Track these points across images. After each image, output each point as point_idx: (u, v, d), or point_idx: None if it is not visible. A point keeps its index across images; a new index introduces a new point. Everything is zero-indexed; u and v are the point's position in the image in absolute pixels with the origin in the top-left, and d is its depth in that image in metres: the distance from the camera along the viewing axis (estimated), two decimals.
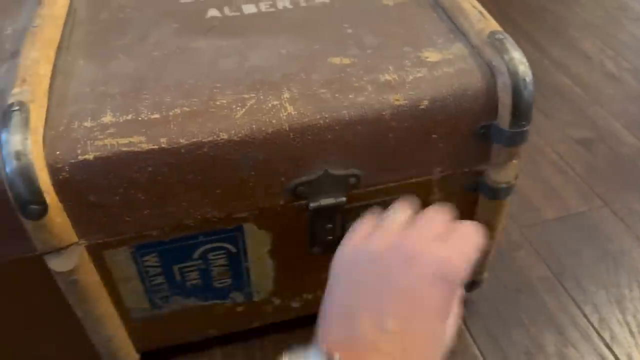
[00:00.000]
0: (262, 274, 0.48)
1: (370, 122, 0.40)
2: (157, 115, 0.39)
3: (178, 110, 0.39)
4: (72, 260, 0.40)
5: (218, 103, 0.40)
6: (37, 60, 0.42)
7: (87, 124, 0.38)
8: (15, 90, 0.39)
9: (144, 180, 0.39)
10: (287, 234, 0.46)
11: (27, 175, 0.35)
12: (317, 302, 0.55)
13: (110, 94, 0.41)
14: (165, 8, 0.51)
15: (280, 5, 0.51)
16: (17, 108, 0.37)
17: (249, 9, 0.51)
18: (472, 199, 0.48)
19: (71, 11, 0.50)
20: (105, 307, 0.44)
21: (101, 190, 0.38)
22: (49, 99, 0.40)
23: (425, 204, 0.47)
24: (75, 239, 0.40)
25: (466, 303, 0.61)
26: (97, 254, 0.41)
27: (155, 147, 0.38)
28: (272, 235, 0.45)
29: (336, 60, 0.44)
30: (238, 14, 0.50)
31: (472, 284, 0.57)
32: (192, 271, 0.46)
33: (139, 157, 0.38)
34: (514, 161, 0.46)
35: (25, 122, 0.36)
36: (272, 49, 0.45)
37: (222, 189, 0.40)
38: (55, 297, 0.43)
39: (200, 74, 0.43)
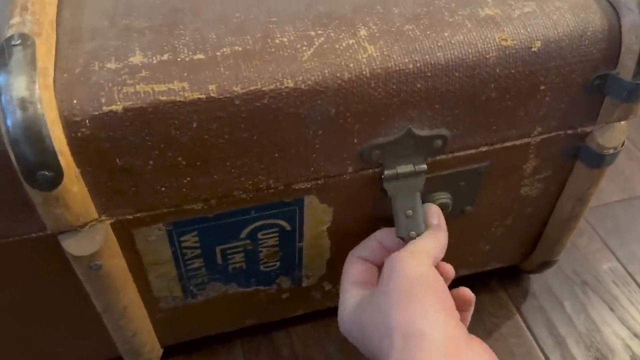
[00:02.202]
0: (315, 255, 0.40)
1: (471, 67, 0.32)
2: (201, 56, 0.30)
3: (228, 50, 0.30)
4: (93, 242, 0.31)
5: (277, 41, 0.31)
6: None
7: (111, 65, 0.29)
8: (15, 19, 0.29)
9: (186, 140, 0.30)
10: (351, 209, 0.37)
11: (35, 131, 0.26)
12: None
13: (137, 28, 0.32)
14: None
15: None
16: (18, 42, 0.28)
17: None
18: (568, 167, 0.41)
19: None
20: (130, 297, 0.36)
21: (131, 151, 0.29)
22: (58, 32, 0.31)
23: (517, 173, 0.40)
24: (96, 215, 0.31)
25: (526, 297, 0.54)
26: (124, 233, 0.33)
27: (202, 96, 0.29)
28: (333, 210, 0.37)
29: None
30: None
31: (544, 264, 0.50)
32: (236, 253, 0.38)
33: (181, 109, 0.29)
34: (624, 123, 0.38)
35: (31, 60, 0.27)
36: None
37: (282, 152, 0.32)
38: (67, 286, 0.35)
39: (248, 5, 0.34)
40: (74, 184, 0.29)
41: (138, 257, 0.35)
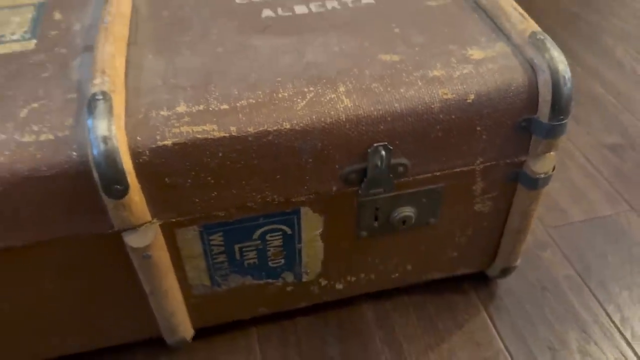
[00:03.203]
0: (312, 255, 0.52)
1: (420, 114, 0.44)
2: (226, 106, 0.43)
3: (245, 102, 0.43)
4: (147, 237, 0.44)
5: (280, 96, 0.44)
6: (113, 54, 0.46)
7: (164, 112, 0.42)
8: (97, 80, 0.43)
9: (214, 165, 0.42)
10: (337, 218, 0.49)
11: (112, 158, 0.39)
12: (359, 284, 0.59)
13: (182, 86, 0.45)
14: (221, 8, 0.55)
15: (329, 6, 0.55)
16: (101, 97, 0.41)
17: (301, 9, 0.55)
18: (511, 189, 0.51)
19: (134, 9, 0.55)
20: (171, 282, 0.48)
21: (176, 173, 0.42)
22: (126, 89, 0.44)
23: (468, 193, 0.51)
24: (149, 217, 0.44)
25: (493, 298, 0.65)
26: (169, 232, 0.45)
27: (226, 135, 0.42)
28: (324, 219, 0.49)
29: (386, 57, 0.47)
30: (290, 14, 0.54)
31: (505, 270, 0.60)
32: (250, 251, 0.49)
33: (211, 144, 0.41)
34: (552, 153, 0.49)
35: (110, 110, 0.40)
36: (326, 47, 0.49)
37: (283, 174, 0.44)
38: (124, 272, 0.47)
39: (262, 68, 0.46)
40: (136, 195, 0.41)
41: (178, 251, 0.47)
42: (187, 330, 0.54)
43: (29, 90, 0.45)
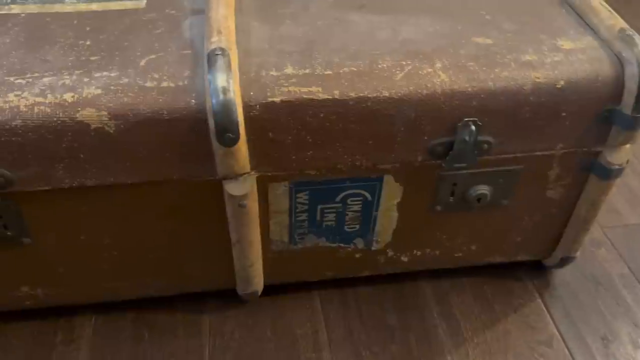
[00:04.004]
0: (385, 224, 0.55)
1: (512, 94, 0.46)
2: (329, 72, 0.46)
3: (347, 69, 0.46)
4: (245, 187, 0.47)
5: (380, 66, 0.47)
6: (225, 16, 0.49)
7: (273, 73, 0.46)
8: (214, 38, 0.46)
9: (315, 125, 0.45)
10: (416, 190, 0.52)
11: (228, 108, 0.43)
12: (423, 259, 0.62)
13: (287, 51, 0.48)
14: None
15: None
16: (220, 52, 0.44)
17: None
18: (584, 178, 0.53)
19: None
20: (255, 234, 0.52)
21: (279, 128, 0.45)
22: (237, 50, 0.48)
23: (543, 178, 0.53)
24: (249, 169, 0.47)
25: (548, 287, 0.67)
26: (263, 185, 0.49)
27: (329, 97, 0.45)
28: (403, 189, 0.52)
29: (479, 39, 0.50)
30: None
31: (564, 260, 0.62)
32: (330, 212, 0.53)
33: (315, 104, 0.45)
34: (628, 145, 0.51)
35: (228, 65, 0.44)
36: (420, 27, 0.52)
37: (375, 140, 0.47)
38: (216, 220, 0.51)
39: (360, 41, 0.49)
40: (243, 145, 0.45)
41: (267, 205, 0.51)
42: (259, 283, 0.57)
43: (145, 43, 0.49)
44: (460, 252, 0.59)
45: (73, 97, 0.43)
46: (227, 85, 0.43)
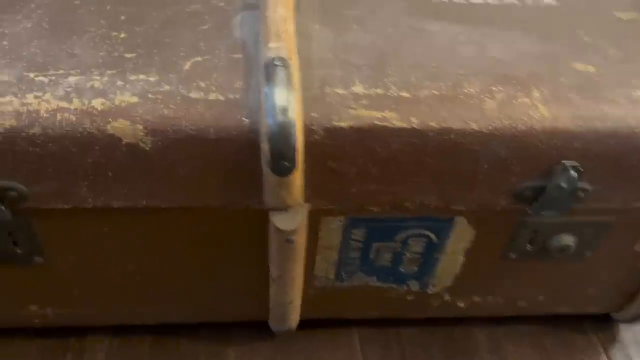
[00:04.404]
0: (447, 268, 0.48)
1: (622, 138, 0.39)
2: (406, 94, 0.39)
3: (427, 92, 0.39)
4: (296, 221, 0.40)
5: (465, 91, 0.39)
6: (285, 17, 0.42)
7: (340, 90, 0.38)
8: (272, 44, 0.39)
9: (384, 156, 0.38)
10: (490, 234, 0.45)
11: (287, 132, 0.36)
12: (482, 305, 0.55)
13: (355, 64, 0.41)
14: None
15: (506, 0, 0.50)
16: (280, 63, 0.37)
17: None
18: None
19: None
20: (299, 270, 0.45)
21: (343, 158, 0.38)
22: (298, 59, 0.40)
23: (635, 230, 0.45)
24: (302, 200, 0.40)
25: (615, 343, 0.59)
26: (315, 219, 0.42)
27: (406, 125, 0.37)
28: (476, 233, 0.44)
29: (579, 66, 0.42)
30: (464, 1, 0.49)
31: (638, 316, 0.54)
32: (387, 252, 0.46)
33: (388, 133, 0.37)
34: None
35: (289, 79, 0.37)
36: (509, 44, 0.44)
37: (452, 177, 0.40)
38: (255, 251, 0.44)
39: (440, 57, 0.42)
40: (298, 175, 0.38)
41: (316, 239, 0.44)
42: (295, 320, 0.51)
43: (190, 41, 0.42)
44: (525, 301, 0.52)
45: (103, 104, 0.36)
46: (288, 104, 0.36)
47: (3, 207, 0.37)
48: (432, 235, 0.44)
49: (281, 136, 0.36)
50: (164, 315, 0.52)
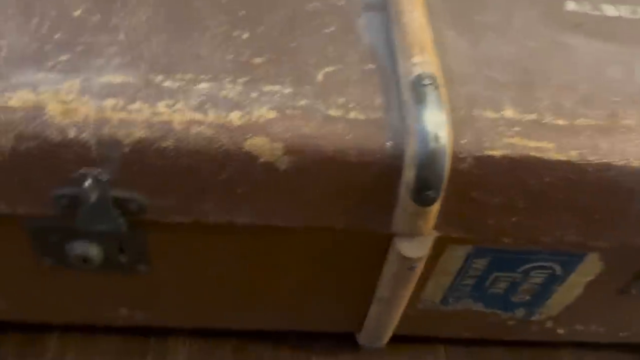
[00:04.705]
0: (561, 299, 0.45)
1: None
2: (562, 122, 0.35)
3: (583, 121, 0.35)
4: (423, 249, 0.37)
5: (623, 122, 0.36)
6: (423, 24, 0.38)
7: (489, 114, 0.35)
8: (417, 58, 0.35)
9: (534, 189, 0.35)
10: (617, 269, 0.42)
11: (437, 161, 0.33)
12: (582, 334, 0.53)
13: (500, 81, 0.37)
14: None
15: None
16: (430, 82, 0.34)
17: (610, 10, 0.45)
18: None
19: None
20: (409, 294, 0.42)
21: (488, 188, 0.35)
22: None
23: None
24: (433, 228, 0.37)
25: None
26: (439, 245, 0.39)
27: (564, 159, 0.34)
28: (603, 268, 0.42)
29: None
30: (599, 13, 0.45)
31: None
32: (504, 281, 0.43)
33: (543, 165, 0.34)
34: None
35: (441, 101, 0.33)
36: None
37: (601, 215, 0.37)
38: (363, 271, 0.42)
39: (589, 79, 0.38)
40: (437, 204, 0.35)
41: (433, 264, 0.41)
42: (388, 337, 0.49)
43: (317, 47, 0.38)
44: (629, 332, 0.50)
45: (241, 118, 0.33)
46: (440, 129, 0.33)
47: (120, 219, 0.35)
48: (558, 268, 0.42)
49: (430, 165, 0.33)
50: (251, 322, 0.50)
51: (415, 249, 0.37)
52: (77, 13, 0.38)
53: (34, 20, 0.37)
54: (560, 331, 0.50)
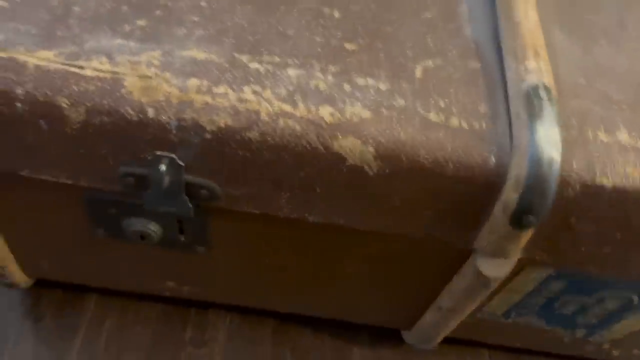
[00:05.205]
0: (629, 326, 0.43)
1: None
2: None
3: None
4: (505, 270, 0.35)
5: None
6: (536, 24, 0.34)
7: (603, 136, 0.32)
8: (531, 64, 0.32)
9: (636, 223, 0.32)
10: None
11: (546, 186, 0.29)
12: (636, 358, 0.51)
13: (615, 99, 0.34)
14: None
15: None
16: (545, 96, 0.30)
17: None
18: None
19: None
20: (474, 307, 0.40)
21: (589, 217, 0.32)
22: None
23: None
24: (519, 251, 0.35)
25: None
26: (520, 265, 0.36)
27: None
28: None
29: None
30: None
31: None
32: (575, 304, 0.41)
33: None
34: None
35: (557, 119, 0.30)
36: None
37: None
38: (435, 278, 0.40)
39: None
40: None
41: (508, 282, 0.39)
42: (439, 340, 0.47)
43: (415, 35, 0.34)
44: None
45: (333, 115, 0.30)
46: (555, 152, 0.29)
47: (189, 204, 0.33)
48: (637, 299, 0.39)
49: (538, 189, 0.29)
50: (296, 307, 0.48)
51: (496, 269, 0.35)
52: None
53: None
54: (616, 353, 0.48)
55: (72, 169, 0.32)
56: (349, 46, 0.33)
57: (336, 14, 0.35)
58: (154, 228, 0.36)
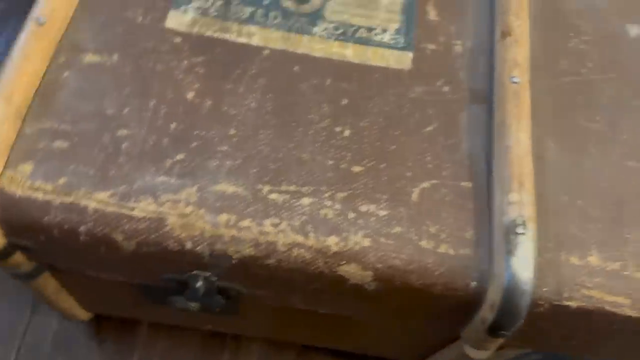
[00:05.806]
0: None
1: None
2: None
3: None
4: (487, 354, 0.41)
5: None
6: (527, 150, 0.38)
7: (575, 260, 0.36)
8: (514, 197, 0.36)
9: (600, 330, 0.37)
10: None
11: (517, 313, 0.34)
12: None
13: (592, 216, 0.38)
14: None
15: None
16: (522, 231, 0.35)
17: None
18: None
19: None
20: None
21: (558, 325, 0.37)
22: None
23: None
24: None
25: None
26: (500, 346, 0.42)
27: (636, 316, 0.36)
28: None
29: None
30: None
31: None
32: None
33: (615, 318, 0.36)
34: None
35: (531, 255, 0.35)
36: None
37: None
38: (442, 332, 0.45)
39: None
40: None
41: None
42: None
43: (416, 153, 0.39)
44: None
45: (337, 244, 0.35)
46: (527, 288, 0.34)
47: (221, 299, 0.40)
48: None
49: (510, 313, 0.35)
50: (320, 341, 0.56)
51: (480, 354, 0.41)
52: (190, 96, 0.39)
53: (151, 103, 0.39)
54: None
55: (126, 275, 0.40)
56: (356, 169, 0.38)
57: (347, 133, 0.39)
58: (193, 305, 0.44)
